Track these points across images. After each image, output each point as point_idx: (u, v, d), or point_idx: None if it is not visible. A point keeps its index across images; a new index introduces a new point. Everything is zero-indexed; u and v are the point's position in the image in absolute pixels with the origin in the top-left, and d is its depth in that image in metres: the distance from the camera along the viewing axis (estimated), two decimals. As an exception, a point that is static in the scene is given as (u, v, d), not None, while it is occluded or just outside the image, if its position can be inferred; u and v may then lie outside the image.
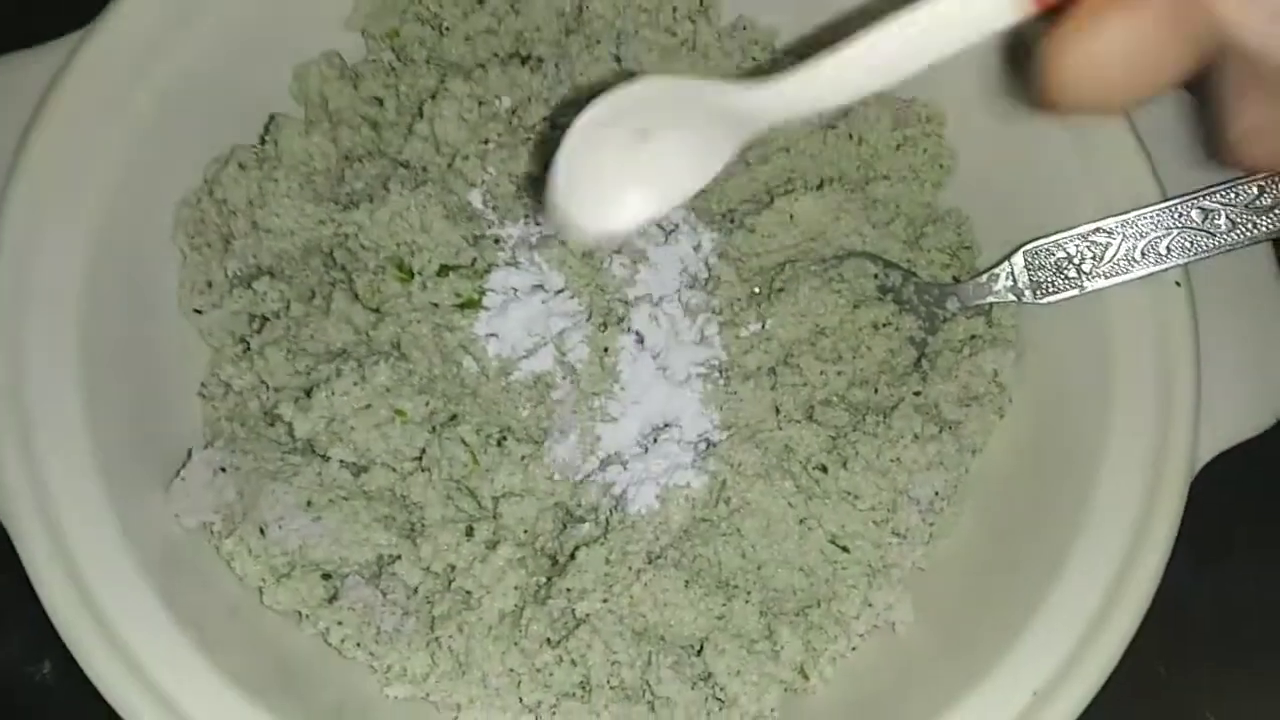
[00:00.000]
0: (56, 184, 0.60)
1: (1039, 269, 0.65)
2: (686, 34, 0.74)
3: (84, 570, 0.55)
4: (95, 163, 0.61)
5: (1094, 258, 0.64)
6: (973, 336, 0.69)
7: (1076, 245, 0.64)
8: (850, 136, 0.73)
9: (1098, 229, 0.64)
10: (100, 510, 0.57)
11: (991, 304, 0.68)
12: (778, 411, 0.66)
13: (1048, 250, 0.65)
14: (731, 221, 0.73)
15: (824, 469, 0.64)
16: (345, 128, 0.70)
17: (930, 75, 0.69)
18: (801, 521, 0.64)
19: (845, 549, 0.64)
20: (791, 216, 0.71)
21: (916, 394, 0.66)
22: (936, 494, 0.64)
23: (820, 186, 0.73)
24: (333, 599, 0.61)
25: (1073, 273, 0.64)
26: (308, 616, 0.61)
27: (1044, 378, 0.67)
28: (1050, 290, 0.65)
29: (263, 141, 0.68)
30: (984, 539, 0.65)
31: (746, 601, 0.61)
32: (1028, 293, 0.66)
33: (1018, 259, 0.66)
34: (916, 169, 0.73)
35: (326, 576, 0.61)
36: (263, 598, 0.61)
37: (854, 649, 0.64)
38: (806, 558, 0.64)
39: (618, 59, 0.73)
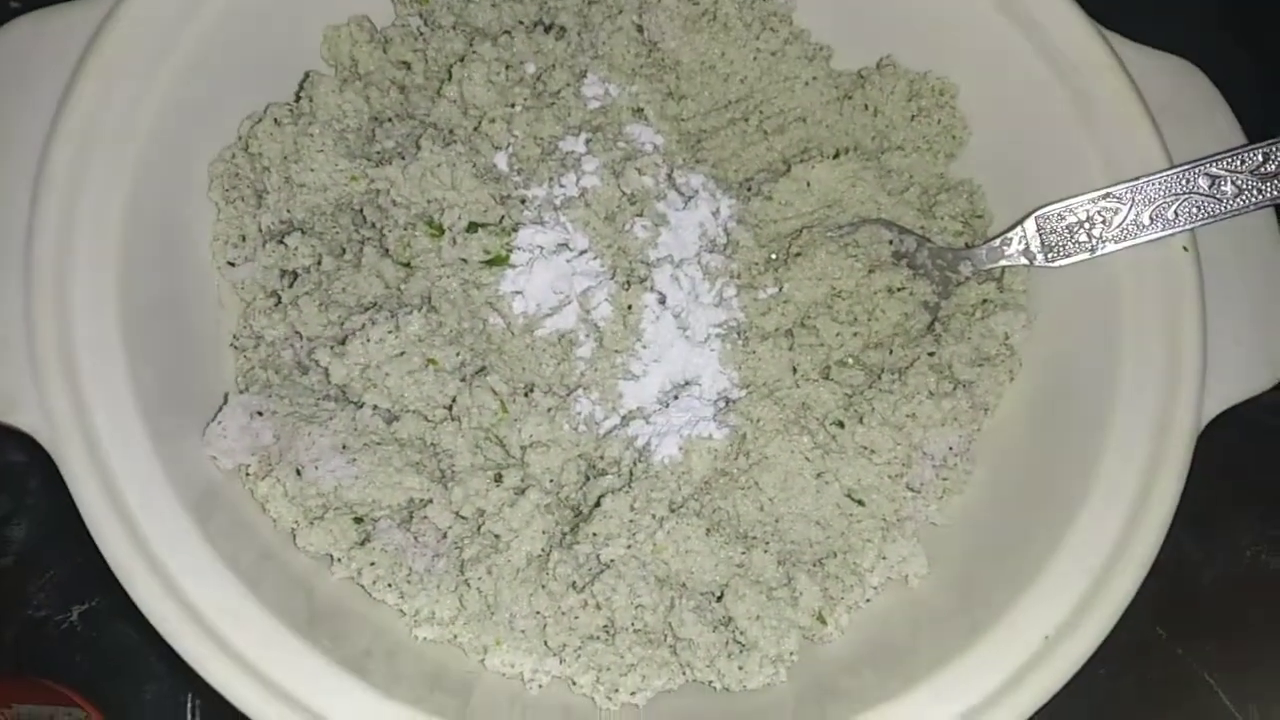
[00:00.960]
0: (97, 138, 0.62)
1: (1050, 233, 0.67)
2: (708, 5, 0.75)
3: (130, 506, 0.56)
4: (134, 117, 0.63)
5: (1104, 222, 0.66)
6: (984, 300, 0.71)
7: (1086, 209, 0.66)
8: (866, 107, 0.75)
9: (1107, 194, 0.66)
10: (143, 450, 0.58)
11: (1004, 268, 0.70)
12: (795, 371, 0.68)
13: (1058, 215, 0.67)
14: (749, 189, 0.75)
15: (840, 424, 0.66)
16: (375, 89, 0.71)
17: (943, 48, 0.74)
18: (818, 476, 0.66)
19: (861, 502, 0.66)
20: (808, 184, 0.73)
21: (930, 354, 0.68)
22: (950, 450, 0.66)
23: (836, 155, 0.75)
24: (364, 542, 0.62)
25: (1083, 236, 0.66)
26: (339, 559, 0.63)
27: (1053, 340, 0.70)
28: (1062, 253, 0.67)
29: (297, 99, 0.70)
30: (995, 496, 0.67)
31: (765, 551, 0.63)
32: (1040, 256, 0.68)
33: (1029, 223, 0.68)
34: (930, 139, 0.75)
35: (358, 520, 0.63)
36: (296, 540, 0.62)
37: (869, 600, 0.66)
38: (823, 511, 0.65)
39: (639, 28, 0.75)
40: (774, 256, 0.72)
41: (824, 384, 0.68)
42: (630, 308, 0.67)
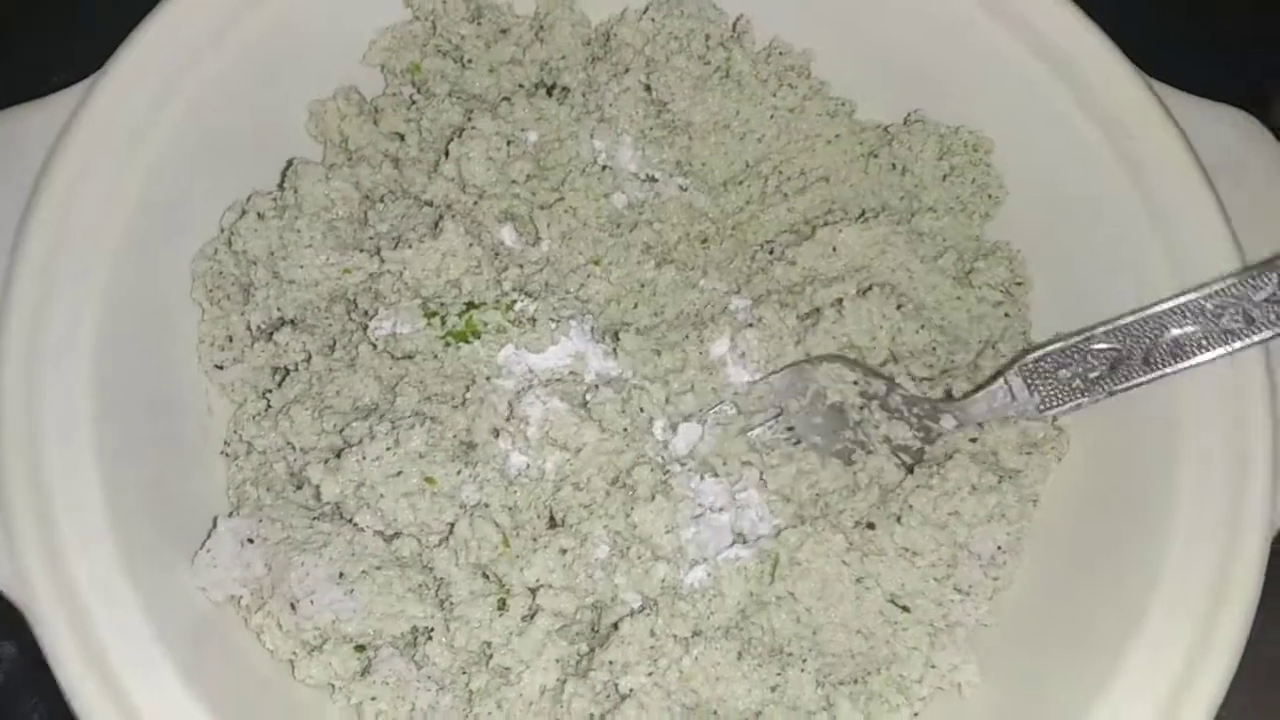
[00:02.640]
0: (68, 241, 0.57)
1: (1041, 379, 0.62)
2: (720, 61, 0.70)
3: (106, 650, 0.52)
4: (106, 218, 0.58)
5: (1108, 364, 0.60)
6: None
7: (1077, 358, 0.61)
8: (894, 166, 0.70)
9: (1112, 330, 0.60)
10: (120, 584, 0.53)
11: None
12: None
13: (1049, 362, 0.62)
14: (771, 252, 0.70)
15: (871, 526, 0.61)
16: (366, 166, 0.67)
17: (976, 99, 0.69)
18: (858, 581, 0.61)
19: (906, 608, 0.61)
20: (834, 248, 0.68)
21: (972, 441, 0.63)
22: (999, 548, 0.61)
23: (862, 216, 0.70)
24: (366, 671, 0.58)
25: (1078, 383, 0.61)
26: (340, 689, 0.58)
27: (1104, 421, 0.64)
28: (1057, 402, 0.62)
29: (281, 187, 0.65)
30: (1048, 591, 0.62)
31: (802, 670, 0.58)
32: (1031, 407, 0.62)
33: (1014, 378, 0.63)
34: (964, 200, 0.69)
35: (360, 648, 0.58)
36: (295, 671, 0.58)
37: (916, 715, 0.61)
38: (865, 619, 0.60)
39: (648, 88, 0.70)
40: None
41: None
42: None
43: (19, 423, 0.54)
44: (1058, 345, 0.61)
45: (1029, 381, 0.62)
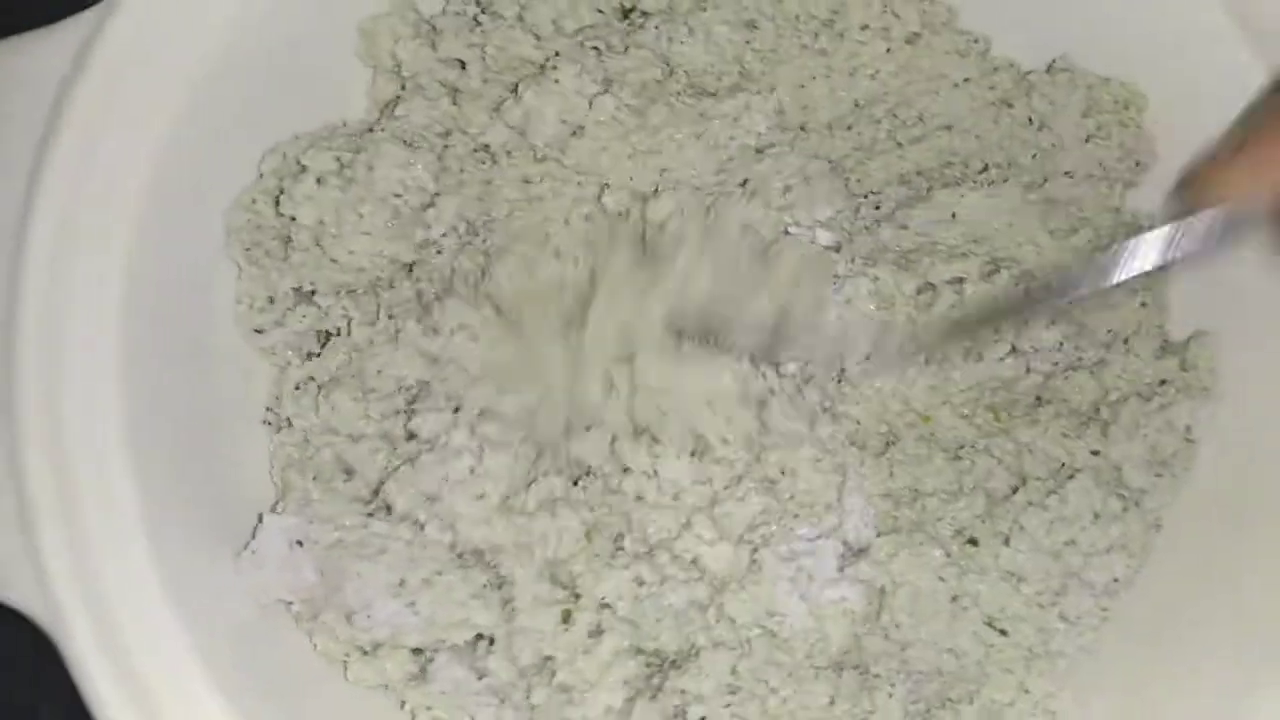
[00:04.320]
0: (86, 198, 0.50)
1: None
2: None
3: (140, 668, 0.48)
4: (129, 164, 0.51)
5: None
6: (1162, 381, 0.58)
7: None
8: (1030, 121, 0.61)
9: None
10: (150, 586, 0.49)
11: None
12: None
13: None
14: (878, 208, 0.61)
15: (974, 542, 0.56)
16: (421, 99, 0.58)
17: (1133, 50, 0.59)
18: (954, 600, 0.56)
19: (1004, 631, 0.56)
20: (953, 215, 0.60)
21: (1095, 454, 0.57)
22: (1115, 580, 0.56)
23: (984, 171, 0.61)
24: (422, 675, 0.54)
25: None
26: (393, 690, 0.55)
27: (1236, 431, 0.58)
28: None
29: (328, 148, 0.57)
30: (1158, 622, 0.57)
31: (890, 695, 0.54)
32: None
33: None
34: (1107, 166, 0.60)
35: (416, 651, 0.54)
36: (346, 673, 0.54)
37: (1006, 742, 0.57)
38: (958, 640, 0.56)
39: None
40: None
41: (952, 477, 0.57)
42: None
43: (41, 410, 0.48)
44: None
45: None
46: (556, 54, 0.56)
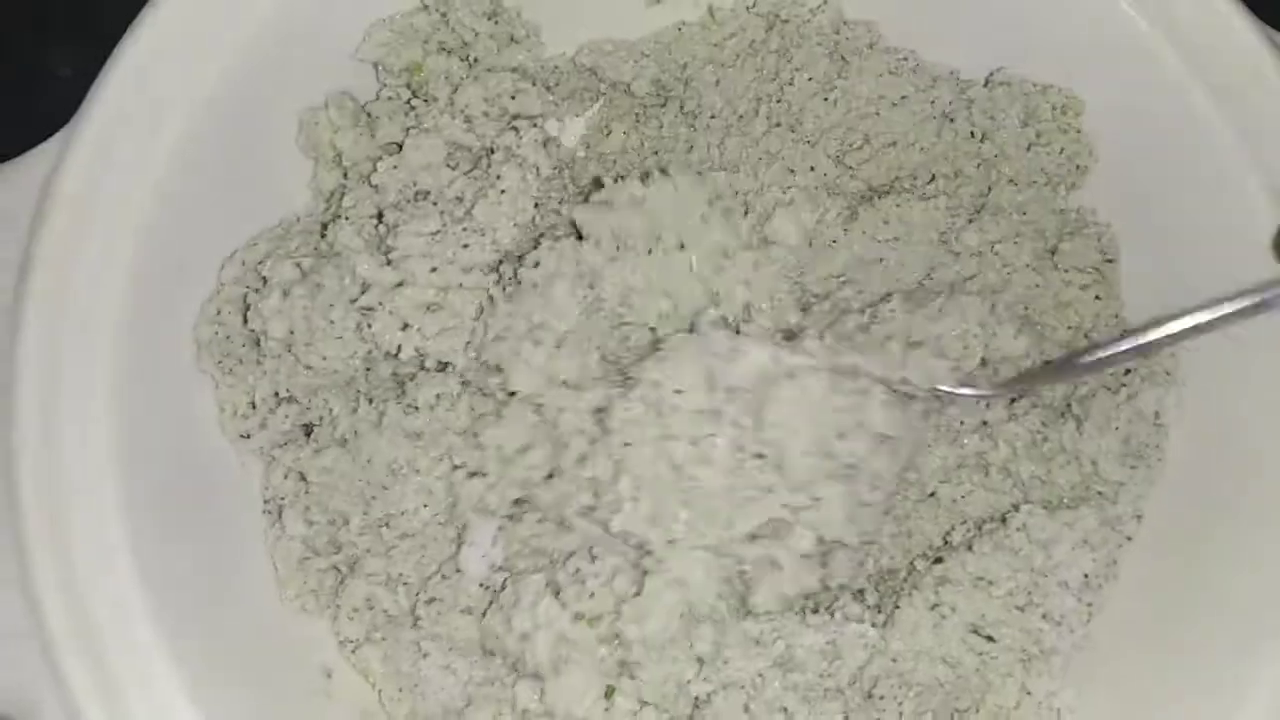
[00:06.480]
0: (67, 323, 0.51)
1: None
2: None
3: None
4: (102, 293, 0.52)
5: None
6: (1127, 372, 0.60)
7: None
8: (973, 134, 0.62)
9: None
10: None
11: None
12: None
13: None
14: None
15: (939, 560, 0.58)
16: (365, 187, 0.58)
17: (1068, 58, 0.60)
18: (933, 608, 0.57)
19: (990, 638, 0.57)
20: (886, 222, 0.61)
21: (1063, 451, 0.58)
22: (1086, 575, 0.57)
23: (932, 181, 0.62)
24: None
25: None
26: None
27: (1203, 414, 0.59)
28: None
29: (284, 243, 0.57)
30: (1149, 608, 0.59)
31: (899, 714, 0.56)
32: None
33: None
34: (1049, 172, 0.62)
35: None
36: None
37: (1016, 745, 0.59)
38: (947, 648, 0.57)
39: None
40: None
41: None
42: None
43: (49, 561, 0.49)
44: None
45: None
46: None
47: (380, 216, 0.55)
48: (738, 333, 0.54)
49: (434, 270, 0.54)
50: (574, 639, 0.51)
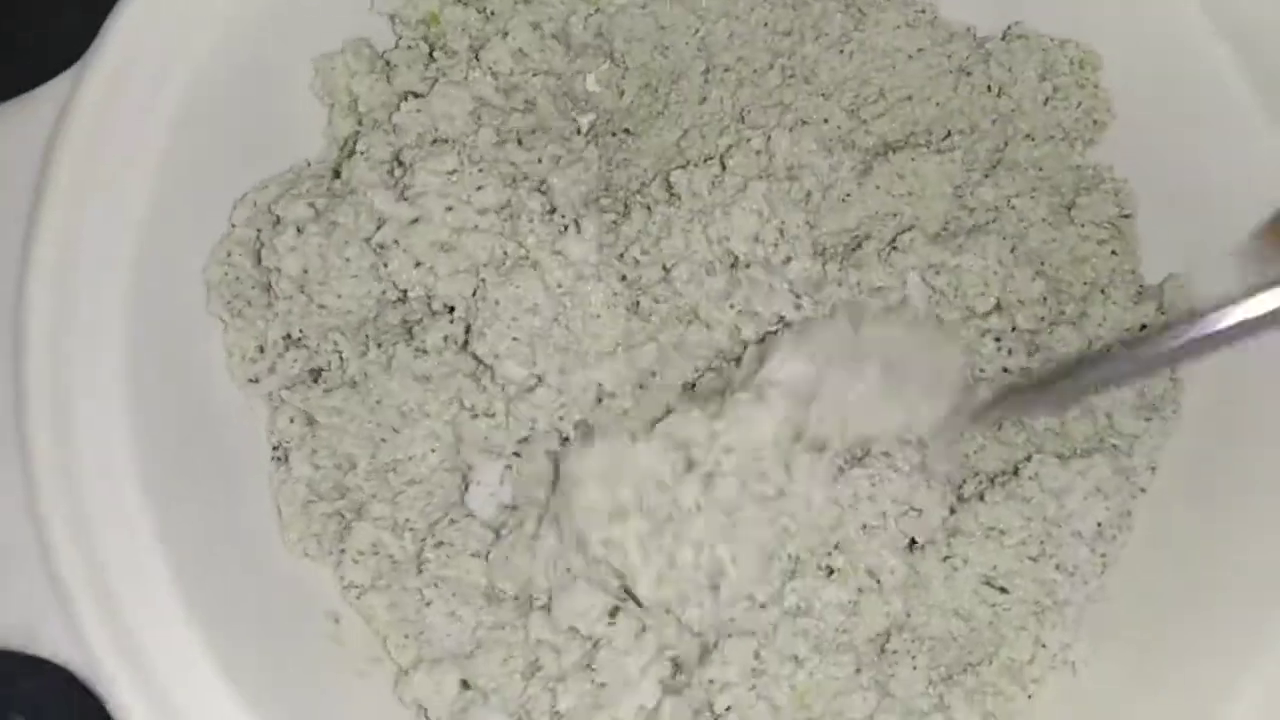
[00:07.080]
0: (78, 268, 0.50)
1: None
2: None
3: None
4: (115, 228, 0.51)
5: None
6: (1142, 326, 0.60)
7: None
8: (989, 88, 0.62)
9: None
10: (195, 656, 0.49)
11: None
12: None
13: None
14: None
15: (951, 510, 0.57)
16: (380, 133, 0.58)
17: (1087, 11, 0.60)
18: (945, 559, 0.57)
19: (1004, 589, 0.57)
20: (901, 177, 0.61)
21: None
22: (1099, 525, 0.57)
23: (947, 137, 0.62)
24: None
25: None
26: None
27: (1218, 367, 0.59)
28: None
29: (296, 185, 0.57)
30: (1164, 563, 0.58)
31: (913, 667, 0.55)
32: None
33: None
34: (1066, 127, 0.61)
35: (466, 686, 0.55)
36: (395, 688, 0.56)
37: (1031, 698, 0.58)
38: (959, 600, 0.57)
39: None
40: None
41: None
42: None
43: (57, 479, 0.49)
44: None
45: None
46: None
47: (397, 157, 0.55)
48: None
49: (449, 210, 0.54)
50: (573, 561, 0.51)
